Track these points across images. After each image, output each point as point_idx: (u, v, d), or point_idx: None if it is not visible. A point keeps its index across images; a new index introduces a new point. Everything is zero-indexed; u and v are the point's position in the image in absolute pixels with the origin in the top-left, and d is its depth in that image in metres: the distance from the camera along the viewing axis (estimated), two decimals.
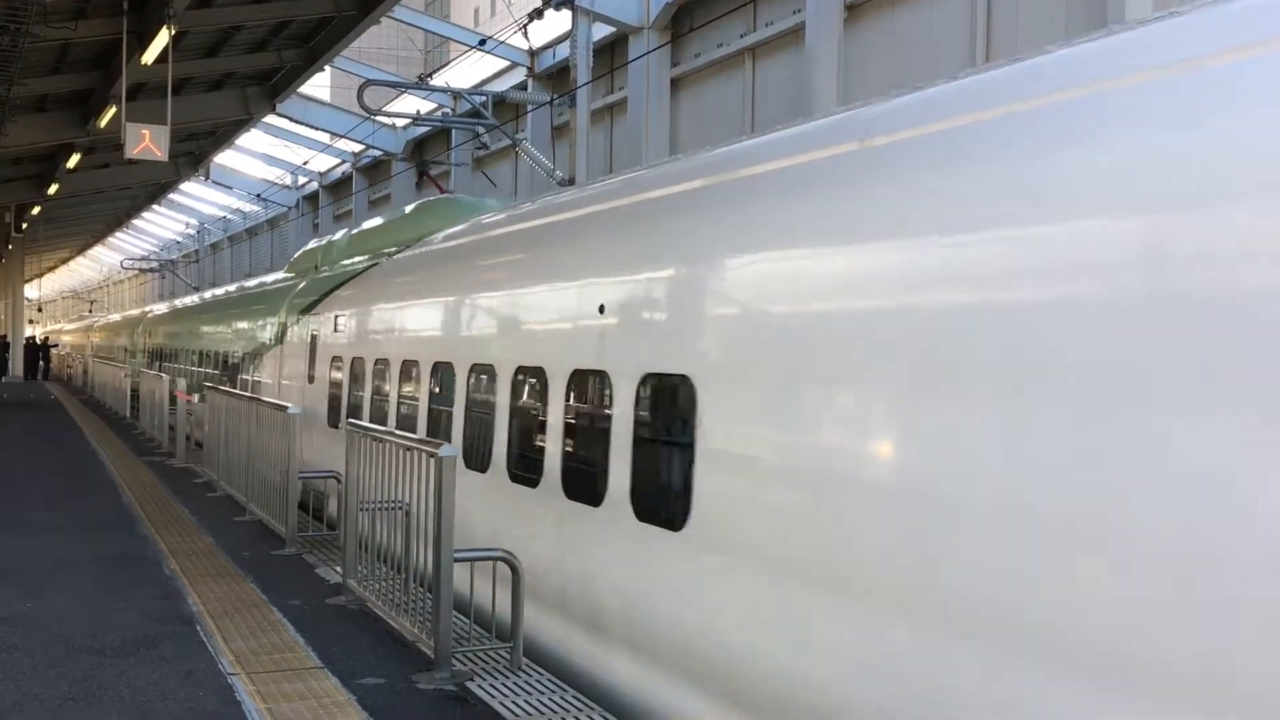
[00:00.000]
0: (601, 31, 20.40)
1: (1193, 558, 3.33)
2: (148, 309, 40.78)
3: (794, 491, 5.08)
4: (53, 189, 34.71)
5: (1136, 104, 3.93)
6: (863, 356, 4.70)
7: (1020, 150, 4.30)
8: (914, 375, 4.43)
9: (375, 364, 11.66)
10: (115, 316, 52.54)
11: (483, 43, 23.78)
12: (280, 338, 16.19)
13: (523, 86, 24.28)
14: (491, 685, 6.37)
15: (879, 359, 4.60)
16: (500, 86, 24.52)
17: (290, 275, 18.55)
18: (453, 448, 6.74)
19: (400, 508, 7.31)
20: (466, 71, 27.06)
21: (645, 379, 6.41)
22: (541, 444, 7.62)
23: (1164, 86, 3.88)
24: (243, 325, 19.77)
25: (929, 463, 4.29)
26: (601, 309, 7.00)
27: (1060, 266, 3.89)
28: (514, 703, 6.10)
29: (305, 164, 39.32)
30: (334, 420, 12.86)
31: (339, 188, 39.40)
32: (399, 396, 10.85)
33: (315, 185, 41.29)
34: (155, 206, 51.12)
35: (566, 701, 6.17)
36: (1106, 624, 3.54)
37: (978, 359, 4.13)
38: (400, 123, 30.31)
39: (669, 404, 6.31)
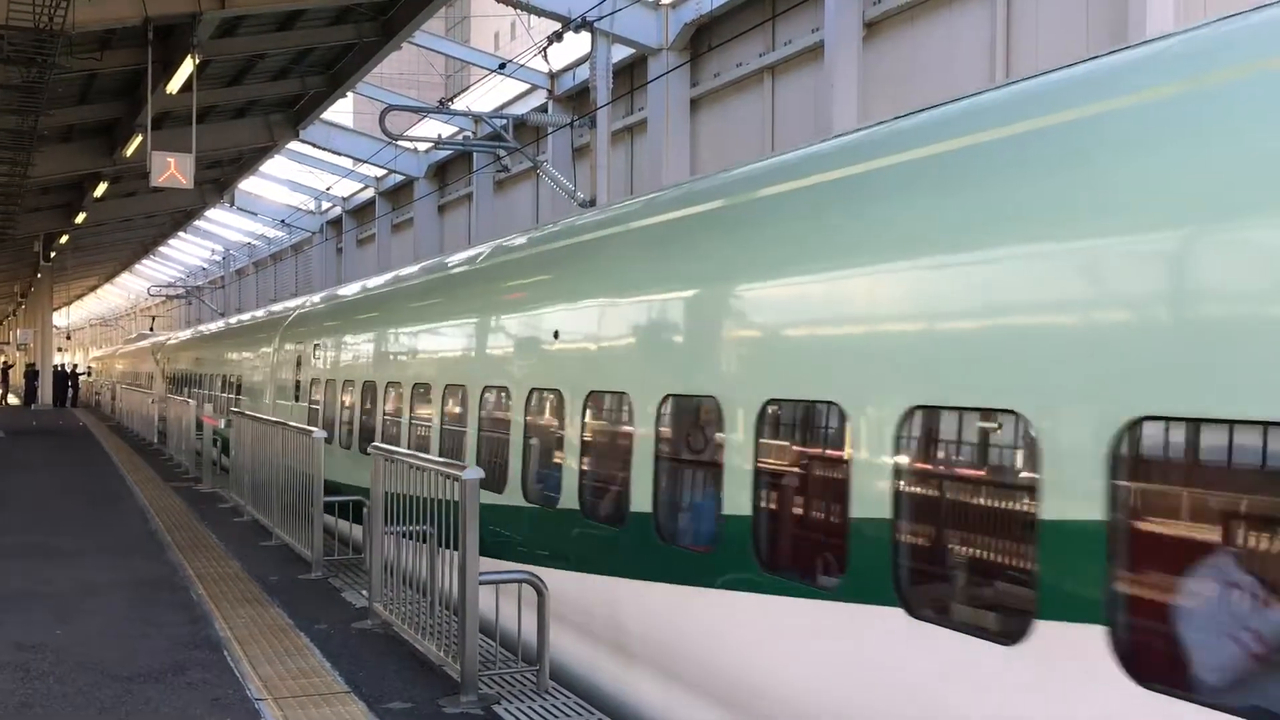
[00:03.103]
0: (621, 53, 20.48)
1: None
2: (294, 303, 20.64)
3: None
4: (80, 218, 35.08)
5: None
6: None
7: None
8: None
9: None
10: (211, 327, 32.24)
11: (503, 66, 23.93)
12: None
13: (543, 109, 24.41)
14: (518, 708, 6.34)
15: None
16: (521, 109, 24.66)
17: None
18: (476, 470, 6.68)
19: (433, 532, 7.27)
20: (487, 95, 27.24)
21: None
22: None
23: None
24: None
25: None
26: None
27: None
28: None
29: (328, 189, 39.62)
30: None
31: (362, 212, 39.66)
32: None
33: (339, 210, 41.57)
34: (181, 233, 51.61)
35: None
36: None
37: None
38: (422, 147, 30.51)
39: None
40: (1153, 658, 3.77)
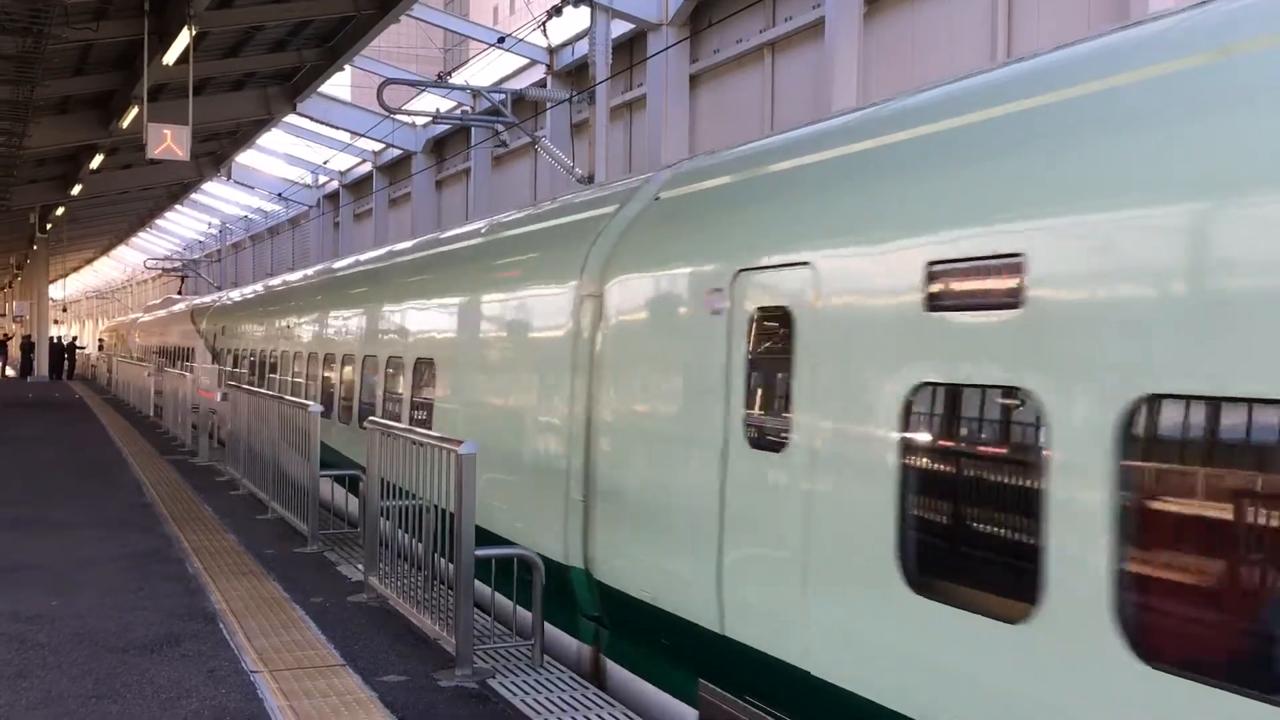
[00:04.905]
0: (621, 28, 20.35)
1: None
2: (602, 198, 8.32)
3: None
4: (76, 190, 34.95)
5: None
6: None
7: None
8: None
9: None
10: (303, 274, 19.51)
11: (502, 40, 23.81)
12: None
13: (542, 84, 24.28)
14: (513, 682, 6.36)
15: None
16: (519, 84, 24.53)
17: None
18: (473, 444, 6.65)
19: (424, 505, 7.28)
20: (486, 69, 27.09)
21: None
22: None
23: None
24: None
25: None
26: None
27: None
28: (535, 699, 6.09)
29: (326, 163, 39.45)
30: None
31: (359, 186, 39.53)
32: None
33: (336, 184, 41.43)
34: (177, 206, 51.43)
35: (588, 698, 6.16)
36: None
37: None
38: (420, 121, 30.34)
39: None
40: None
